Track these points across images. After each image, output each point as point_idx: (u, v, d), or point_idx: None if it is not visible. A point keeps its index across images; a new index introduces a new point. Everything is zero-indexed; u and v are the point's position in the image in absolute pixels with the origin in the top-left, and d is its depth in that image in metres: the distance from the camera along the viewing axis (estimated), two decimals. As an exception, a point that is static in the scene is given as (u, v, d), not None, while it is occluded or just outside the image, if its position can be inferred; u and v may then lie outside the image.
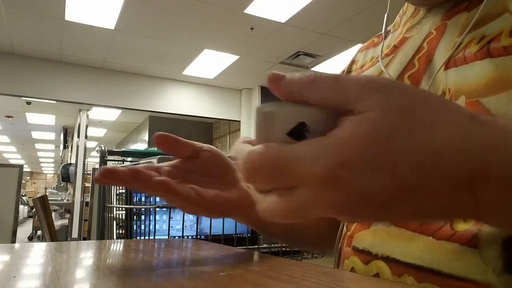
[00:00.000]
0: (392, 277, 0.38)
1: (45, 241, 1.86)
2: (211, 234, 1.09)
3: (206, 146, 0.46)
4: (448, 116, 0.21)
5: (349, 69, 0.62)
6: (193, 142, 0.45)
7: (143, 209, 1.09)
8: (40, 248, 0.48)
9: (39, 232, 7.34)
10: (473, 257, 0.34)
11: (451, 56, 0.41)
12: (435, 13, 0.47)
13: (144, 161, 1.04)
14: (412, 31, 0.49)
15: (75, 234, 5.18)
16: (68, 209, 5.73)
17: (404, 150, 0.20)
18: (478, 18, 0.40)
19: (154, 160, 0.99)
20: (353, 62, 0.63)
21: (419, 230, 0.38)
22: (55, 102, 5.51)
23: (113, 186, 1.26)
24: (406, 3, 0.54)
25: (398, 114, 0.20)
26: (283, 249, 1.28)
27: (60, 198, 7.03)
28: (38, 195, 1.65)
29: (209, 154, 0.46)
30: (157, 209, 1.07)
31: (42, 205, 1.52)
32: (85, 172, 5.57)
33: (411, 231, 0.38)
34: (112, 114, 7.63)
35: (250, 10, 3.80)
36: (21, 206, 6.22)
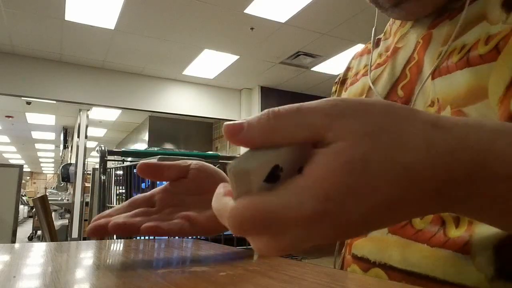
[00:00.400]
0: None
1: (45, 241, 1.86)
2: (211, 234, 1.08)
3: (193, 163, 0.46)
4: (412, 127, 0.22)
5: (345, 76, 0.64)
6: (179, 163, 0.46)
7: (143, 209, 1.09)
8: (40, 248, 0.48)
9: (39, 232, 7.34)
10: (466, 263, 0.34)
11: (437, 66, 0.42)
12: (422, 22, 0.48)
13: (144, 161, 1.04)
14: (402, 41, 0.50)
15: (75, 234, 5.19)
16: (68, 209, 5.73)
17: (379, 172, 0.20)
18: (459, 26, 0.41)
19: (154, 160, 0.99)
20: (348, 69, 0.64)
21: (414, 238, 0.39)
22: (55, 102, 5.51)
23: (113, 186, 1.26)
24: None
25: (367, 139, 0.20)
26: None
27: (60, 198, 7.03)
28: (38, 195, 1.65)
29: (197, 171, 0.46)
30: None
31: (42, 205, 1.52)
32: (85, 172, 5.57)
33: (406, 239, 0.40)
34: (112, 114, 7.63)
35: (250, 10, 3.80)
36: (21, 206, 6.22)
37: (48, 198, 1.62)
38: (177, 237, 0.59)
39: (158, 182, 1.13)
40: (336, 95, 0.62)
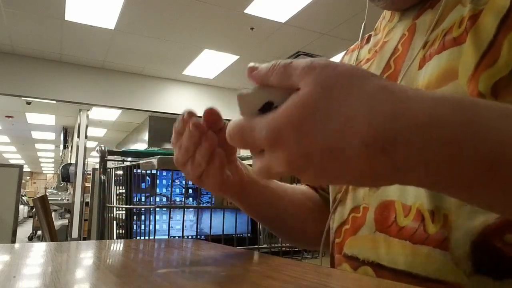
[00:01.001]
0: None
1: (45, 241, 1.86)
2: (211, 234, 1.09)
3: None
4: (364, 86, 0.25)
5: None
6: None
7: (143, 209, 1.09)
8: (40, 248, 0.48)
9: (39, 232, 7.34)
10: (445, 259, 0.35)
11: (423, 55, 0.42)
12: (407, 16, 0.49)
13: (144, 161, 1.04)
14: (389, 34, 0.51)
15: (75, 234, 5.18)
16: (68, 209, 5.73)
17: (325, 118, 0.24)
18: (440, 13, 0.42)
19: (154, 160, 0.99)
20: None
21: (398, 235, 0.39)
22: (55, 102, 5.51)
23: (113, 186, 1.26)
24: (384, 11, 0.56)
25: (322, 89, 0.25)
26: (283, 249, 1.28)
27: (60, 198, 7.03)
28: (38, 195, 1.64)
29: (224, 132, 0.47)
30: (157, 209, 1.07)
31: (42, 205, 1.52)
32: (85, 172, 5.57)
33: (392, 237, 0.40)
34: (112, 114, 7.63)
35: (250, 10, 3.80)
36: (21, 206, 6.22)
37: (48, 198, 1.62)
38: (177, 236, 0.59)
39: (158, 182, 1.14)
40: None
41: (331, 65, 0.26)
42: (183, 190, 1.14)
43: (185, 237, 1.10)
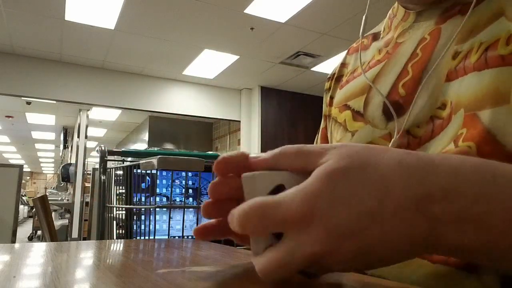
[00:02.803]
0: None
1: (45, 241, 1.86)
2: (211, 234, 1.08)
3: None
4: (387, 151, 0.25)
5: (340, 72, 0.59)
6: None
7: (143, 209, 1.09)
8: (40, 248, 0.48)
9: (39, 232, 7.35)
10: (470, 281, 0.33)
11: (453, 67, 0.39)
12: (427, 17, 0.45)
13: (144, 161, 1.04)
14: (404, 36, 0.47)
15: (75, 234, 5.18)
16: (68, 209, 5.73)
17: (358, 180, 0.24)
18: (474, 22, 0.39)
19: (154, 160, 0.99)
20: (343, 65, 0.60)
21: None
22: (55, 102, 5.51)
23: (113, 186, 1.26)
24: (396, 5, 0.52)
25: (348, 158, 0.25)
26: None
27: (60, 198, 7.03)
28: (38, 195, 1.65)
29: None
30: (157, 209, 1.07)
31: (42, 205, 1.52)
32: (85, 172, 5.57)
33: None
34: (112, 114, 7.63)
35: (250, 10, 3.80)
36: (21, 206, 6.22)
37: (48, 198, 1.62)
38: (177, 237, 0.59)
39: (158, 182, 1.14)
40: (331, 92, 0.59)
41: (348, 143, 0.26)
42: (183, 190, 1.14)
43: (185, 237, 1.10)
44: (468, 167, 0.24)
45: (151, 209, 1.06)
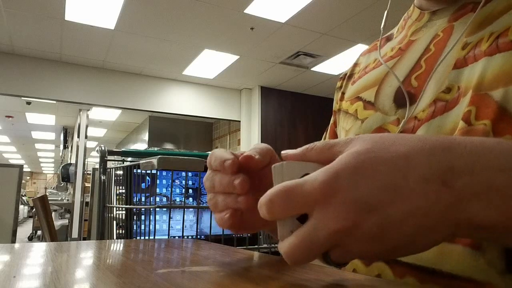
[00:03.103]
0: (394, 278, 0.39)
1: (45, 241, 1.86)
2: (211, 234, 1.09)
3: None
4: (408, 136, 0.26)
5: (351, 71, 0.62)
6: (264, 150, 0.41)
7: (143, 209, 1.09)
8: (40, 248, 0.48)
9: (39, 232, 7.34)
10: (476, 258, 0.34)
11: (462, 56, 0.41)
12: (440, 16, 0.47)
13: (144, 161, 1.04)
14: (417, 34, 0.49)
15: (75, 234, 5.18)
16: (68, 209, 5.73)
17: (381, 158, 0.25)
18: (485, 17, 0.41)
19: (154, 160, 0.99)
20: (355, 64, 0.63)
21: None
22: (55, 102, 5.51)
23: (113, 186, 1.26)
24: (412, 8, 0.54)
25: (373, 142, 0.26)
26: (283, 249, 1.28)
27: (60, 198, 7.03)
28: (38, 195, 1.64)
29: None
30: (157, 209, 1.07)
31: (42, 205, 1.52)
32: (85, 172, 5.57)
33: None
34: (112, 114, 7.63)
35: (250, 10, 3.80)
36: (21, 206, 6.22)
37: (48, 198, 1.62)
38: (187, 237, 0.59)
39: (158, 182, 1.14)
40: (342, 90, 0.61)
41: (369, 134, 0.28)
42: (183, 190, 1.14)
43: (185, 237, 1.10)
44: (490, 142, 0.25)
45: (151, 209, 1.06)
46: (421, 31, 0.49)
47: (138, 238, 1.08)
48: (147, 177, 1.10)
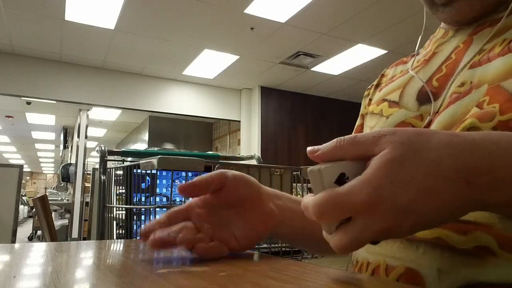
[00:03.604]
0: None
1: (45, 241, 1.86)
2: (211, 234, 1.08)
3: (230, 173, 0.46)
4: (436, 135, 0.30)
5: (379, 81, 0.68)
6: (216, 173, 0.45)
7: (143, 209, 1.09)
8: (40, 248, 0.48)
9: (39, 232, 7.34)
10: None
11: (477, 59, 0.46)
12: (463, 32, 0.53)
13: (144, 161, 1.04)
14: (441, 47, 0.55)
15: (75, 234, 5.18)
16: (68, 209, 5.73)
17: (413, 166, 0.28)
18: (501, 29, 0.47)
19: (154, 160, 0.99)
20: (382, 75, 0.69)
21: None
22: (55, 102, 5.51)
23: (113, 186, 1.26)
24: (438, 29, 0.60)
25: (402, 145, 0.29)
26: (283, 249, 1.28)
27: (60, 198, 7.03)
28: (38, 195, 1.64)
29: (234, 181, 0.46)
30: (157, 209, 1.07)
31: (42, 205, 1.52)
32: (85, 172, 5.57)
33: None
34: (112, 114, 7.63)
35: (250, 10, 3.80)
36: (21, 206, 6.22)
37: (48, 198, 1.62)
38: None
39: (158, 182, 1.14)
40: (369, 97, 0.67)
41: (397, 129, 0.30)
42: (183, 190, 1.13)
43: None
44: (507, 137, 0.30)
45: (151, 209, 1.06)
46: (444, 45, 0.55)
47: (138, 238, 1.08)
48: (147, 177, 1.10)
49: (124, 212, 1.12)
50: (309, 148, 0.32)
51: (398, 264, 0.42)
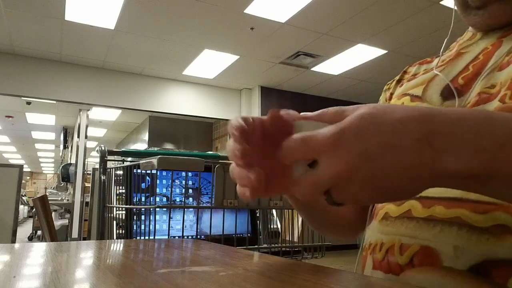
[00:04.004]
0: (422, 209, 0.44)
1: (45, 241, 1.86)
2: (211, 234, 1.09)
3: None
4: (405, 106, 0.32)
5: (401, 77, 0.69)
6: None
7: (143, 209, 1.09)
8: (40, 248, 0.48)
9: (39, 232, 7.35)
10: None
11: (506, 60, 0.47)
12: (491, 35, 0.53)
13: (144, 161, 1.04)
14: (467, 48, 0.55)
15: (75, 234, 5.18)
16: (68, 209, 5.73)
17: (382, 122, 0.30)
18: None
19: (154, 160, 0.99)
20: (404, 72, 0.69)
21: None
22: (55, 102, 5.51)
23: (113, 186, 1.26)
24: (466, 33, 0.60)
25: (374, 107, 0.31)
26: (283, 249, 1.28)
27: (60, 198, 7.03)
28: (38, 195, 1.64)
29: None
30: (157, 209, 1.07)
31: (42, 205, 1.52)
32: (85, 172, 5.57)
33: None
34: (112, 114, 7.63)
35: (250, 10, 3.80)
36: (21, 206, 6.22)
37: (48, 198, 1.62)
38: (177, 237, 0.59)
39: (158, 182, 1.14)
40: (390, 91, 0.68)
41: (366, 105, 0.32)
42: (183, 190, 1.14)
43: (185, 237, 1.10)
44: (470, 110, 0.31)
45: (151, 209, 1.06)
46: (471, 46, 0.55)
47: (138, 238, 1.08)
48: (147, 177, 1.10)
49: (124, 212, 1.12)
50: (301, 114, 0.36)
51: (413, 242, 0.42)
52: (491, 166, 0.29)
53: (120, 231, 1.19)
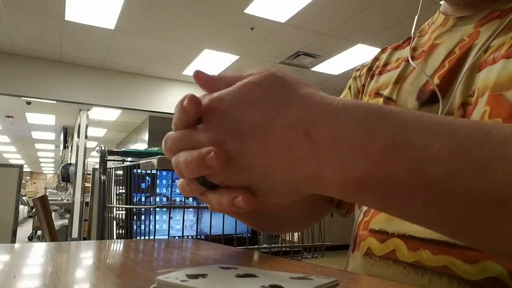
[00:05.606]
0: (408, 252, 0.41)
1: (45, 241, 1.86)
2: (211, 234, 1.09)
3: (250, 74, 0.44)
4: (301, 89, 0.27)
5: (371, 64, 0.62)
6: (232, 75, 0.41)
7: (143, 209, 1.09)
8: (40, 248, 0.48)
9: (39, 232, 7.34)
10: None
11: (484, 59, 0.42)
12: (466, 22, 0.48)
13: (144, 161, 1.04)
14: (441, 38, 0.50)
15: (75, 234, 5.18)
16: (68, 209, 5.73)
17: (262, 96, 0.26)
18: (508, 22, 0.42)
19: (154, 160, 0.99)
20: (376, 59, 0.62)
21: None
22: (55, 102, 5.51)
23: (113, 186, 1.26)
24: (436, 14, 0.55)
25: (271, 78, 0.27)
26: (283, 249, 1.28)
27: (60, 198, 7.03)
28: (38, 195, 1.64)
29: None
30: (157, 209, 1.07)
31: (42, 205, 1.52)
32: (85, 172, 5.57)
33: None
34: (112, 114, 7.63)
35: (250, 10, 3.80)
36: (21, 206, 6.22)
37: (48, 198, 1.62)
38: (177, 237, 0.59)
39: (158, 182, 1.14)
40: (363, 80, 0.61)
41: (280, 71, 0.28)
42: (183, 190, 1.13)
43: (185, 237, 1.10)
44: (361, 102, 0.27)
45: (151, 209, 1.06)
46: (445, 35, 0.50)
47: (138, 238, 1.08)
48: (147, 177, 1.10)
49: (124, 212, 1.12)
50: (195, 70, 0.31)
51: None
52: (381, 171, 0.24)
53: (120, 231, 1.19)
